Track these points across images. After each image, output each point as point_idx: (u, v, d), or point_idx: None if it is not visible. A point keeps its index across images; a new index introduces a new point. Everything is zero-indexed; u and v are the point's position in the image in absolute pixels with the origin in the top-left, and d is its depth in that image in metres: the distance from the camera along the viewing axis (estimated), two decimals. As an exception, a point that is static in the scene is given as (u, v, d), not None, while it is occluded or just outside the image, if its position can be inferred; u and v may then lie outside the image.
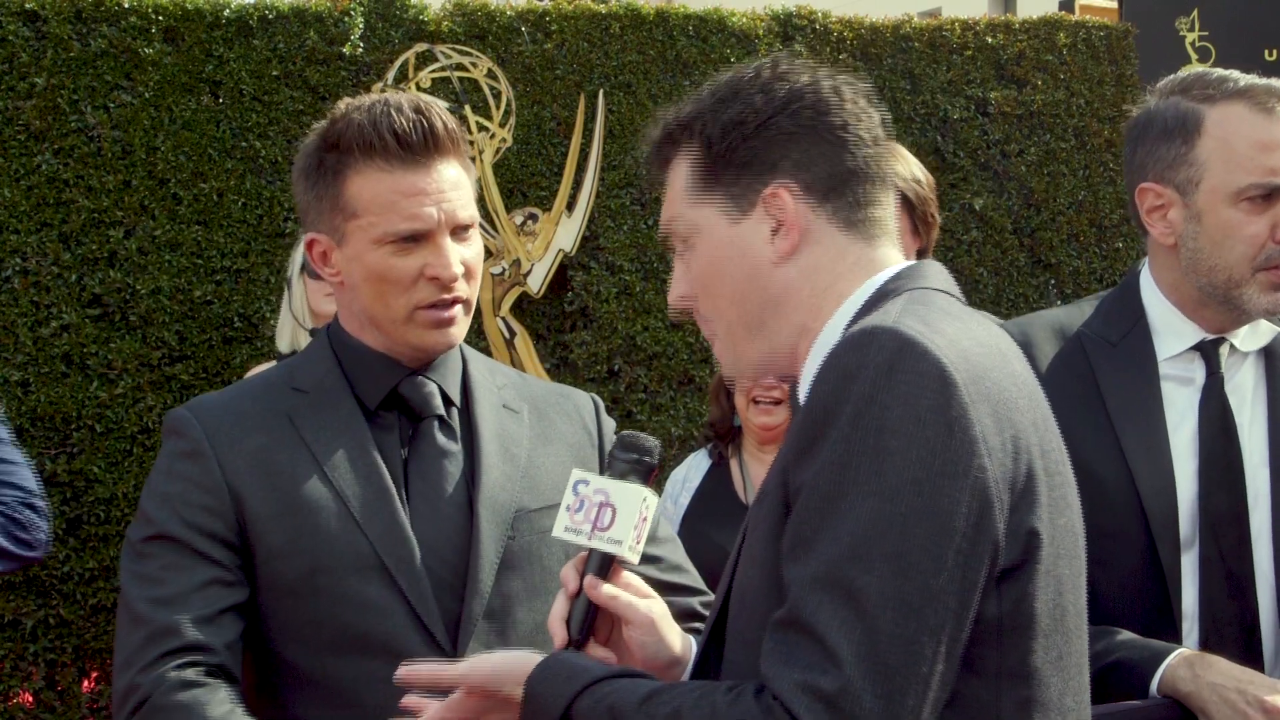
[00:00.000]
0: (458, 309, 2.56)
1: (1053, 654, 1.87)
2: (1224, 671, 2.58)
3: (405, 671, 2.10)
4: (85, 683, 7.22)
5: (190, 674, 2.37)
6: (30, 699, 7.18)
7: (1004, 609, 1.82)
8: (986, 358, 1.87)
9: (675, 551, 2.74)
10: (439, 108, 2.56)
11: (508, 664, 2.04)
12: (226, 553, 2.47)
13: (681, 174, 2.10)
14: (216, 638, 2.42)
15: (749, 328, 2.06)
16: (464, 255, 2.54)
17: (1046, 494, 1.87)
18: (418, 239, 2.51)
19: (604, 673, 1.94)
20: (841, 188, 2.03)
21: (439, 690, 2.08)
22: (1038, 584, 1.85)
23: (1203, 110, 2.81)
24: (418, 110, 2.52)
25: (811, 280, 2.02)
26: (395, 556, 2.48)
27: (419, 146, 2.50)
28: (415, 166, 2.50)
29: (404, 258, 2.50)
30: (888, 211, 2.08)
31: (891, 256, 2.06)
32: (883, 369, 1.78)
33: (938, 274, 2.05)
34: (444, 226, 2.51)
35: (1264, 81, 2.83)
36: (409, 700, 2.11)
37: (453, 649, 2.47)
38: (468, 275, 2.56)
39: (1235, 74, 2.84)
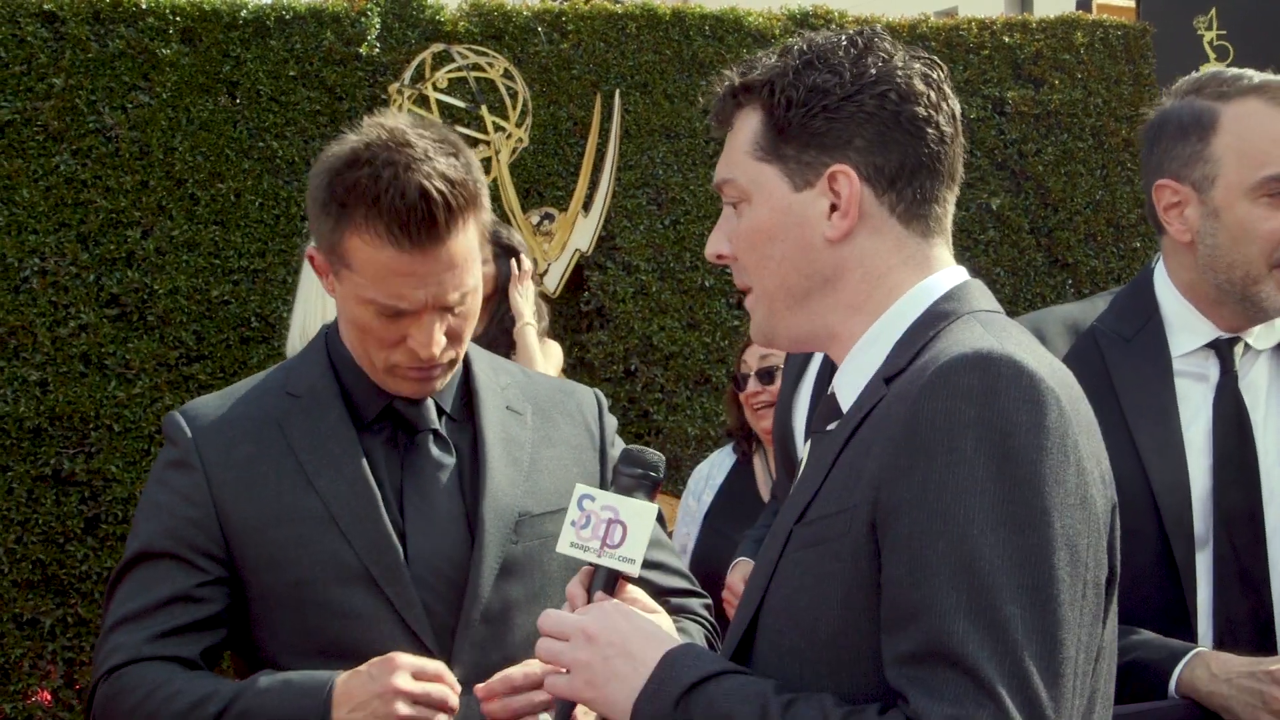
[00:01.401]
0: (437, 370, 2.54)
1: (1099, 680, 1.87)
2: (1237, 666, 2.58)
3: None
4: (103, 681, 7.24)
5: (128, 665, 2.44)
6: (49, 697, 7.20)
7: None
8: (1074, 388, 1.86)
9: (672, 556, 2.76)
10: (449, 185, 2.44)
11: (656, 628, 2.01)
12: (210, 563, 2.49)
13: (750, 127, 2.03)
14: (174, 651, 2.46)
15: (792, 298, 2.02)
16: (452, 324, 2.51)
17: (1117, 525, 1.87)
18: (403, 313, 2.46)
19: (742, 670, 1.91)
20: (909, 179, 1.97)
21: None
22: (1106, 615, 1.85)
23: (1218, 108, 2.81)
24: (424, 195, 2.40)
25: (863, 266, 1.98)
26: (381, 565, 2.47)
27: (416, 235, 2.41)
28: (411, 250, 2.42)
29: (387, 322, 2.47)
30: (947, 210, 2.03)
31: (945, 258, 2.02)
32: (1003, 395, 1.75)
33: (983, 295, 2.01)
34: (431, 307, 2.47)
35: (1279, 78, 2.83)
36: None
37: (446, 658, 2.48)
38: (453, 340, 2.52)
39: (1250, 72, 2.84)
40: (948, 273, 2.01)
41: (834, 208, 1.97)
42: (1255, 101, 2.79)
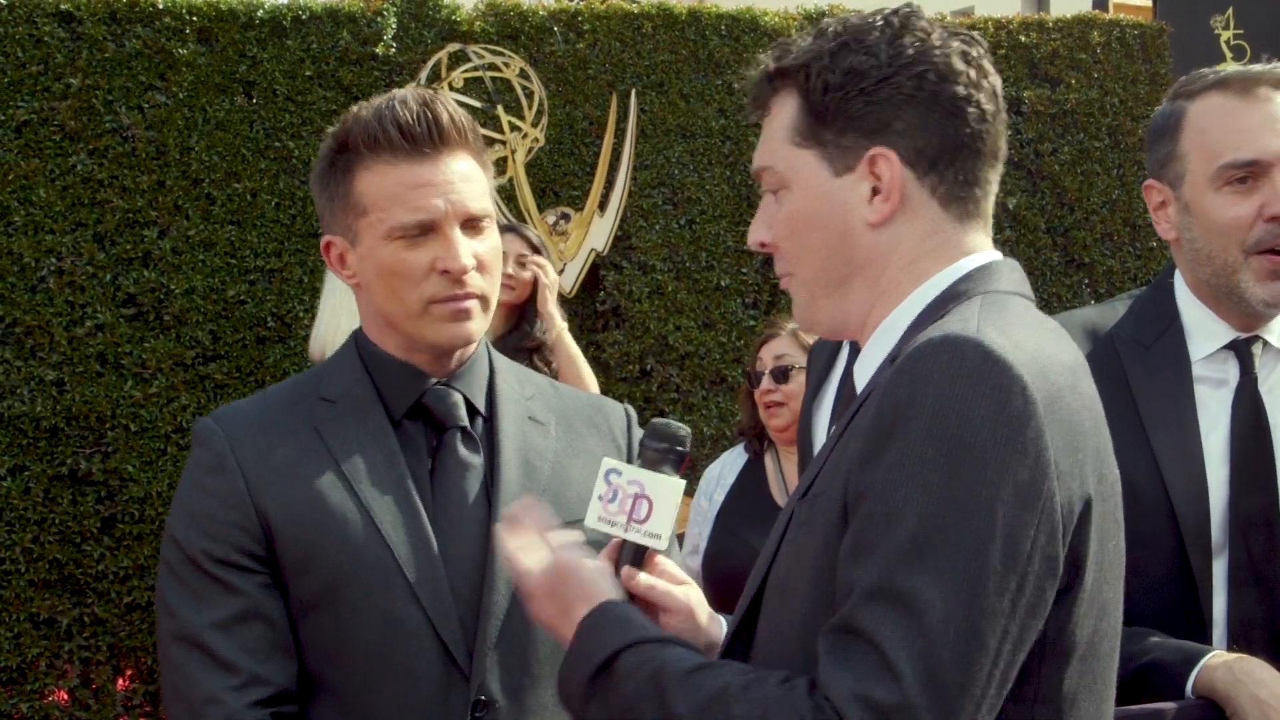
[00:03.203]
0: (473, 303, 2.50)
1: (1087, 678, 1.85)
2: (1263, 680, 2.54)
3: (519, 510, 2.20)
4: (120, 681, 7.26)
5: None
6: (65, 697, 7.22)
7: (1047, 635, 1.79)
8: (1061, 376, 1.82)
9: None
10: (447, 100, 2.51)
11: (594, 577, 2.05)
12: (259, 568, 2.45)
13: (787, 112, 2.01)
14: (279, 673, 2.42)
15: (829, 285, 2.00)
16: (476, 249, 2.49)
17: (1098, 521, 1.83)
18: (426, 231, 2.46)
19: (656, 635, 1.92)
20: (950, 160, 1.95)
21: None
22: (1080, 610, 1.81)
23: (1184, 106, 2.90)
24: (423, 103, 2.47)
25: (898, 250, 1.96)
26: (420, 573, 2.44)
27: (423, 139, 2.45)
28: (421, 159, 2.45)
29: (413, 251, 2.46)
30: (988, 192, 2.01)
31: (979, 242, 2.00)
32: (963, 381, 1.72)
33: (1009, 275, 1.98)
34: (452, 218, 2.46)
35: (1254, 68, 2.89)
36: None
37: (470, 669, 2.45)
38: (481, 269, 2.50)
39: (1227, 67, 2.91)
40: (978, 257, 1.99)
41: (875, 191, 1.95)
42: (1216, 96, 2.86)
